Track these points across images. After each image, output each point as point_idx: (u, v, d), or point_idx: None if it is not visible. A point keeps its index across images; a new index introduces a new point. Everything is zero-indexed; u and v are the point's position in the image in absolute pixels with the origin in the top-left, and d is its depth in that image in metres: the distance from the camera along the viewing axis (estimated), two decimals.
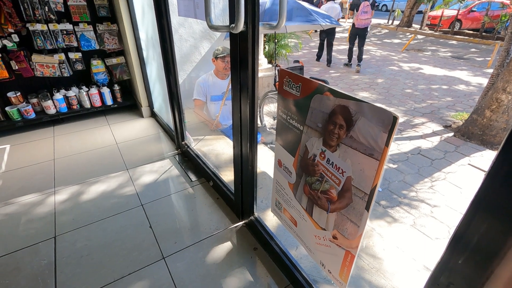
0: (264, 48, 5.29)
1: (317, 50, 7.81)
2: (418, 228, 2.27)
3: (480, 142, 3.55)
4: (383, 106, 0.65)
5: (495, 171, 0.48)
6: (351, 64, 7.17)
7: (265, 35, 5.25)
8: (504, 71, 3.37)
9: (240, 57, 1.18)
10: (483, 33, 10.47)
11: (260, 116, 3.88)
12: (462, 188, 2.77)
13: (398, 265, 1.49)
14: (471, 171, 3.05)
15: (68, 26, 2.71)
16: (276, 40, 5.23)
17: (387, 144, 0.66)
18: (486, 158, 3.27)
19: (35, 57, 2.67)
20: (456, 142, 3.61)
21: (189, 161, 2.30)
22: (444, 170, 3.04)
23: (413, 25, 13.23)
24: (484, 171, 2.99)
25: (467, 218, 0.53)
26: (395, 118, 0.63)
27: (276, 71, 3.67)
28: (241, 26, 1.02)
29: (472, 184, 2.82)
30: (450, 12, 11.72)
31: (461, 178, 2.92)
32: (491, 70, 5.10)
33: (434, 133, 3.86)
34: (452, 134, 3.82)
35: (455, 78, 6.31)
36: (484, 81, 5.35)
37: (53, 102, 2.85)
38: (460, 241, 0.55)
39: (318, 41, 7.62)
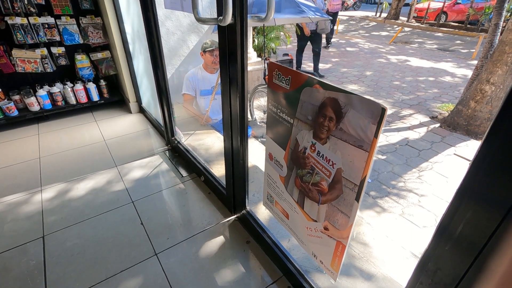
0: (253, 41, 5.26)
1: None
2: (406, 217, 2.33)
3: (465, 132, 3.65)
4: (372, 98, 0.65)
5: (480, 160, 0.49)
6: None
7: (254, 29, 5.21)
8: (488, 63, 3.45)
9: (228, 51, 1.16)
10: (468, 25, 10.67)
11: (250, 110, 3.87)
12: (448, 177, 2.85)
13: (388, 253, 1.53)
14: (456, 160, 3.13)
15: (50, 20, 2.61)
16: (265, 33, 5.20)
17: (376, 135, 0.67)
18: (471, 147, 3.36)
19: (16, 52, 2.57)
20: (442, 133, 3.70)
21: (180, 157, 2.28)
22: (431, 160, 3.12)
23: (400, 17, 13.36)
24: (469, 160, 3.08)
25: (453, 207, 0.55)
26: (383, 110, 0.63)
27: (266, 65, 3.66)
28: (229, 19, 1.01)
29: (458, 173, 2.91)
30: (436, 5, 11.88)
31: (447, 167, 3.00)
32: (475, 62, 5.20)
33: (421, 124, 3.94)
34: (438, 125, 3.90)
35: (441, 70, 6.43)
36: (469, 73, 5.47)
37: (37, 99, 2.76)
38: (446, 228, 0.57)
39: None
